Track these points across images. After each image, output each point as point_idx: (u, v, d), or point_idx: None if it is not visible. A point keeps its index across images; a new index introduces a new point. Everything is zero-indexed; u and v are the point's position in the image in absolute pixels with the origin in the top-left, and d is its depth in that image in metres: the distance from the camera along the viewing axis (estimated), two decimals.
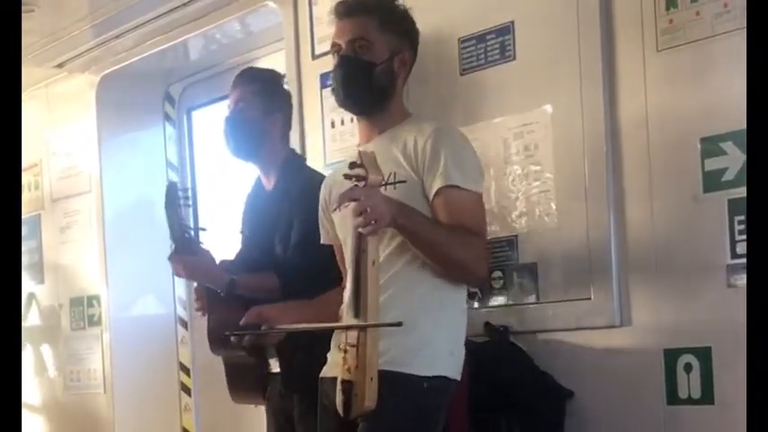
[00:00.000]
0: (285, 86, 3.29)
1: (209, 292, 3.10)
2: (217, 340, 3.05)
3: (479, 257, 2.53)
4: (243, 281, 3.04)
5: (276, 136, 3.19)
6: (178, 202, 3.14)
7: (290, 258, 3.03)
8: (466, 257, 2.49)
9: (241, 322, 2.78)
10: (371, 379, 2.29)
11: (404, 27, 2.69)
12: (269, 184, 3.20)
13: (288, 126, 3.27)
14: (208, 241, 3.16)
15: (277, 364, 3.06)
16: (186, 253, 3.09)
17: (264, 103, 3.17)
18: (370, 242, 2.32)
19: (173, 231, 3.12)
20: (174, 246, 3.13)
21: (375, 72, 2.61)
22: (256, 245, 3.17)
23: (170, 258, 3.12)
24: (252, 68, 3.47)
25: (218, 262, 3.12)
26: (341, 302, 2.62)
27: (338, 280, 2.76)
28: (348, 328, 2.35)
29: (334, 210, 2.69)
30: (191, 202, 3.16)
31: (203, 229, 3.15)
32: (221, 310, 3.05)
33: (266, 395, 3.17)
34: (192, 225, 3.15)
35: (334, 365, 2.48)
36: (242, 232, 3.29)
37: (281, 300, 2.94)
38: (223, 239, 3.53)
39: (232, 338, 2.84)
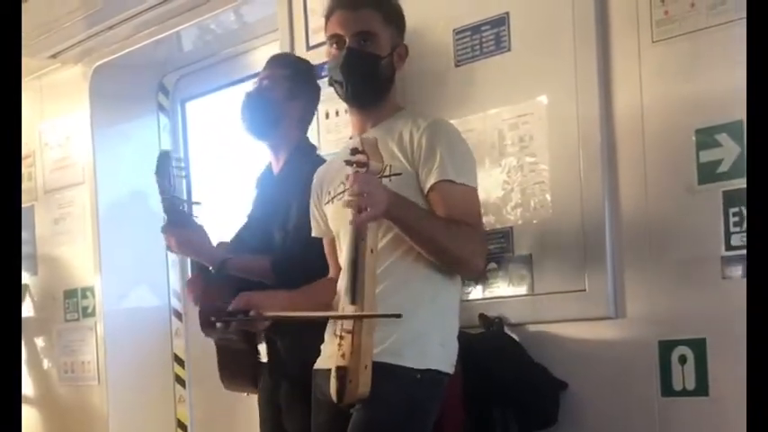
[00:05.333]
0: (317, 80, 3.23)
1: (203, 273, 3.08)
2: (208, 323, 3.03)
3: (476, 250, 2.53)
4: (235, 261, 3.01)
5: (293, 121, 3.15)
6: (170, 172, 3.06)
7: (285, 244, 3.01)
8: (463, 250, 2.49)
9: (229, 308, 2.77)
10: (366, 366, 2.29)
11: (401, 21, 2.70)
12: (277, 168, 3.18)
13: (307, 116, 3.21)
14: (203, 222, 3.12)
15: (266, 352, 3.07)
16: (179, 226, 3.04)
17: (289, 87, 3.14)
18: (369, 230, 2.32)
19: (164, 202, 3.05)
20: (166, 218, 3.08)
21: (381, 65, 2.62)
22: (257, 228, 3.14)
23: (163, 230, 3.07)
24: (287, 54, 3.45)
25: (215, 244, 3.10)
26: (330, 293, 2.61)
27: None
28: (344, 317, 2.34)
29: (327, 202, 2.69)
30: (184, 173, 3.08)
31: (198, 203, 3.10)
32: (213, 293, 3.04)
33: (258, 385, 3.17)
34: (186, 199, 3.06)
35: (328, 357, 2.48)
36: (249, 215, 3.26)
37: (275, 285, 2.93)
38: (218, 227, 3.51)
39: (218, 324, 2.82)
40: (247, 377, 3.13)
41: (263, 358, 3.09)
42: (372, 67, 2.62)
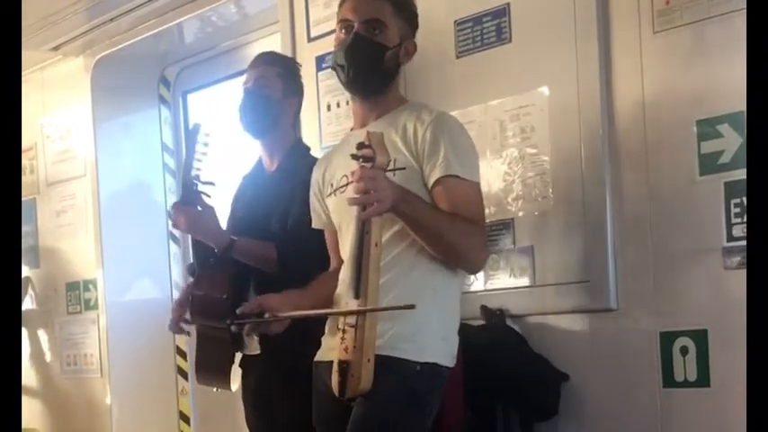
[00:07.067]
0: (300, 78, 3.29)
1: (198, 261, 3.08)
2: (200, 313, 3.03)
3: (479, 246, 2.54)
4: (242, 244, 3.00)
5: (289, 120, 3.20)
6: (195, 146, 3.06)
7: (289, 234, 3.01)
8: (466, 246, 2.49)
9: (240, 311, 2.73)
10: (368, 360, 2.29)
11: (412, 15, 2.69)
12: (271, 166, 3.19)
13: (299, 115, 3.28)
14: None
15: (256, 345, 3.05)
16: (190, 204, 3.04)
17: (285, 85, 3.18)
18: (374, 223, 2.31)
19: (183, 177, 3.05)
20: (179, 194, 3.07)
21: (386, 55, 2.61)
22: (251, 223, 3.13)
23: (173, 208, 3.06)
24: (275, 52, 3.45)
25: None
26: (332, 286, 2.61)
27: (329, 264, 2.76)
28: (356, 312, 2.31)
29: (329, 194, 2.69)
30: (206, 151, 3.08)
31: (212, 183, 3.09)
32: (206, 282, 3.03)
33: (243, 379, 3.15)
34: (199, 177, 3.07)
35: (330, 350, 2.47)
36: (233, 212, 3.25)
37: (274, 273, 2.93)
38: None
39: (233, 327, 2.81)
40: (225, 372, 3.10)
41: (250, 351, 3.09)
42: (377, 55, 2.60)
